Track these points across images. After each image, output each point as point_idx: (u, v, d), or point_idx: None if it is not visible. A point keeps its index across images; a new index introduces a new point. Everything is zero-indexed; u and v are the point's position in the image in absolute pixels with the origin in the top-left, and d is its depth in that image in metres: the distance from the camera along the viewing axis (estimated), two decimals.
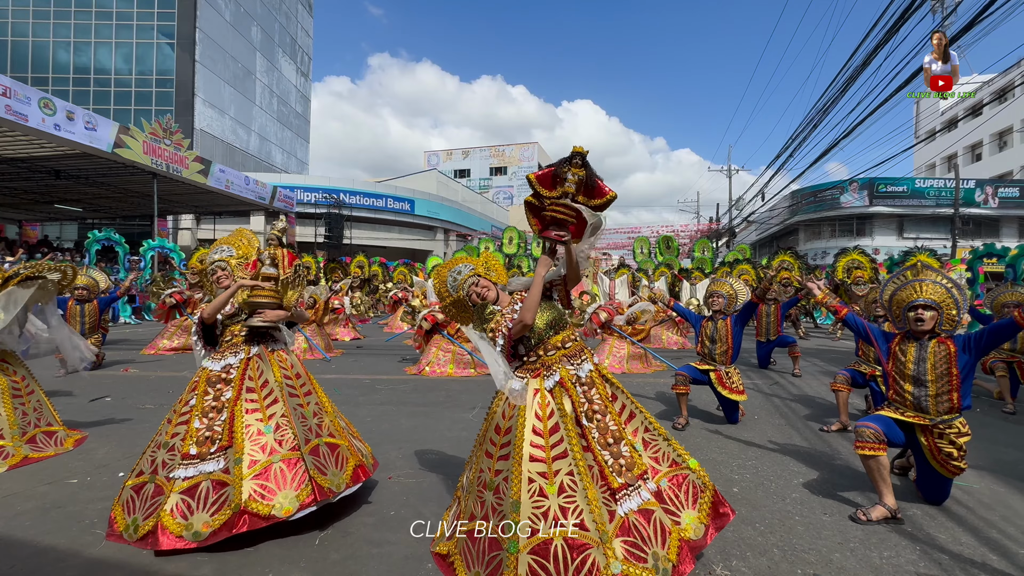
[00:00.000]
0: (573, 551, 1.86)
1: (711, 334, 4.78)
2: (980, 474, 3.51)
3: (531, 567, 1.86)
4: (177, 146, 17.90)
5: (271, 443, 2.59)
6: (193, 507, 2.41)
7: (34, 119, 12.86)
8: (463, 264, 2.44)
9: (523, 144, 60.24)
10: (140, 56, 34.58)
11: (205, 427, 2.63)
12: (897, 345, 3.06)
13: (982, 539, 2.60)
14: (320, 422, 2.88)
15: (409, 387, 6.37)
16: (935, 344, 2.91)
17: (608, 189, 2.15)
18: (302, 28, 48.86)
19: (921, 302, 2.92)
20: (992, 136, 32.84)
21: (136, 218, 25.11)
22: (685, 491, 2.19)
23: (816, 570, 2.29)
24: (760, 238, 39.50)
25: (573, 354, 2.26)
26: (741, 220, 30.23)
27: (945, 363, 2.86)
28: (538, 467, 2.00)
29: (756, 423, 4.80)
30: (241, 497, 2.40)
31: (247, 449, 2.54)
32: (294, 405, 2.79)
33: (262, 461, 2.53)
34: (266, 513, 2.41)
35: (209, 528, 2.37)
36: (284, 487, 2.50)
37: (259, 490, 2.45)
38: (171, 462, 2.58)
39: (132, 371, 7.20)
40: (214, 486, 2.47)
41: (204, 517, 2.39)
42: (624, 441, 2.15)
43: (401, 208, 34.84)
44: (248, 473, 2.48)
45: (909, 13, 7.31)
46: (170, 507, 2.41)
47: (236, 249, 3.21)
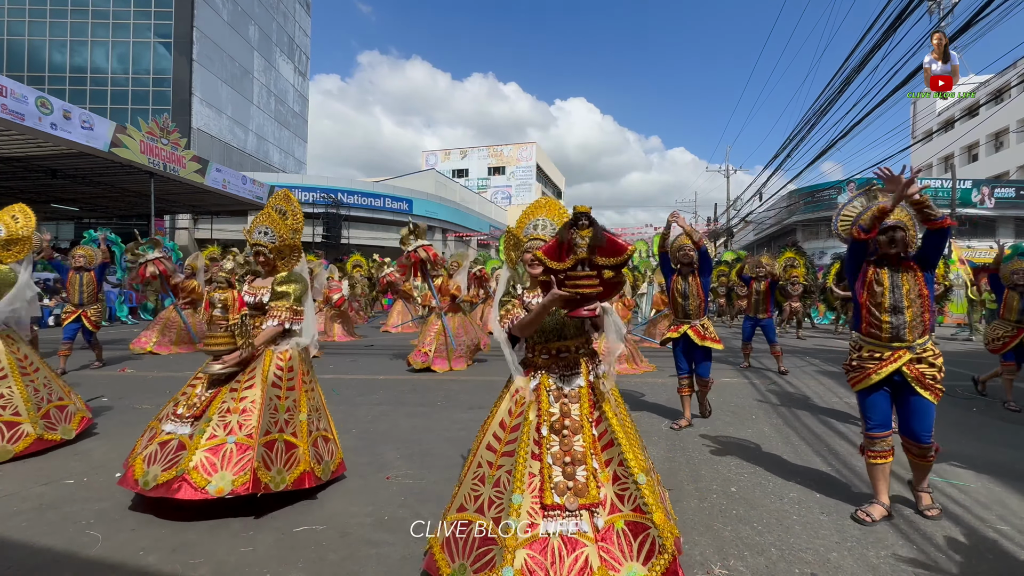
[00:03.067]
0: (480, 542, 1.94)
1: (683, 290, 4.78)
2: (977, 473, 3.52)
3: (445, 543, 2.04)
4: (174, 146, 17.83)
5: (233, 423, 2.76)
6: (156, 458, 2.73)
7: (31, 118, 12.79)
8: (549, 223, 2.37)
9: (521, 144, 60.24)
10: (136, 56, 34.48)
11: (198, 395, 2.94)
12: (871, 275, 2.93)
13: (979, 538, 2.60)
14: (289, 419, 2.93)
15: (408, 387, 6.36)
16: (905, 268, 2.88)
17: (624, 244, 1.94)
18: (300, 27, 48.76)
19: (890, 223, 2.86)
20: (988, 137, 32.95)
21: (133, 218, 24.99)
22: (640, 543, 1.90)
23: (814, 569, 2.29)
24: (758, 238, 39.57)
25: (568, 364, 2.19)
26: (739, 220, 30.28)
27: (917, 286, 2.84)
28: (489, 456, 2.13)
29: (754, 422, 4.81)
30: (188, 464, 2.62)
31: (212, 423, 2.76)
32: (271, 395, 2.89)
33: (219, 437, 2.72)
34: (202, 485, 2.58)
35: (155, 481, 2.63)
36: (226, 468, 2.64)
37: (205, 463, 2.64)
38: (164, 415, 2.95)
39: (129, 371, 7.18)
40: (177, 446, 2.76)
41: (157, 470, 2.68)
42: (585, 466, 2.00)
43: (399, 208, 34.76)
44: (204, 444, 2.69)
45: (906, 14, 7.33)
46: (147, 453, 2.77)
47: (276, 232, 3.19)
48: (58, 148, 14.50)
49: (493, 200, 54.84)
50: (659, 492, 2.14)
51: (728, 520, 2.76)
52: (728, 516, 2.81)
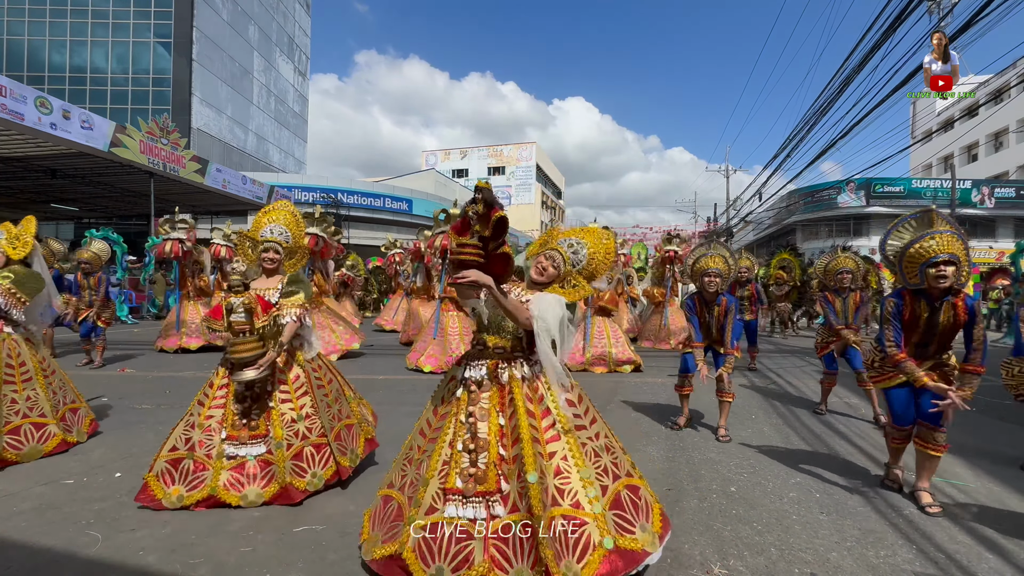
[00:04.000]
0: (395, 516, 2.15)
1: (708, 324, 4.29)
2: (976, 473, 3.52)
3: (373, 514, 2.27)
4: (174, 145, 17.82)
5: (302, 430, 3.00)
6: (243, 481, 2.83)
7: (30, 118, 12.78)
8: (578, 245, 2.34)
9: (521, 144, 60.24)
10: (136, 56, 34.49)
11: (239, 412, 2.94)
12: (910, 304, 2.84)
13: (978, 538, 2.61)
14: (340, 408, 3.28)
15: (408, 387, 6.36)
16: (947, 307, 2.76)
17: (497, 211, 1.97)
18: (299, 27, 48.77)
19: (944, 257, 2.67)
20: (988, 136, 32.98)
21: (133, 217, 25.02)
22: (532, 546, 1.87)
23: (813, 569, 2.29)
24: (757, 238, 39.58)
25: (492, 357, 2.21)
26: (739, 220, 30.27)
27: (952, 328, 2.80)
28: (419, 440, 2.31)
29: (753, 422, 4.81)
30: (284, 475, 2.85)
31: (284, 435, 2.94)
32: (320, 396, 3.14)
33: (296, 445, 2.96)
34: (302, 487, 2.89)
35: (261, 499, 2.81)
36: (313, 467, 2.97)
37: (295, 469, 2.91)
38: (208, 442, 2.90)
39: (128, 371, 7.18)
40: (260, 465, 2.88)
41: (256, 489, 2.83)
42: (487, 455, 2.03)
43: (399, 208, 34.76)
44: (288, 455, 2.91)
45: (906, 14, 7.33)
46: (222, 481, 2.81)
47: (291, 233, 3.30)
48: (58, 148, 14.49)
49: None
50: (550, 493, 1.99)
51: (728, 520, 2.76)
52: (728, 516, 2.81)
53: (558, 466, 2.07)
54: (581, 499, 2.02)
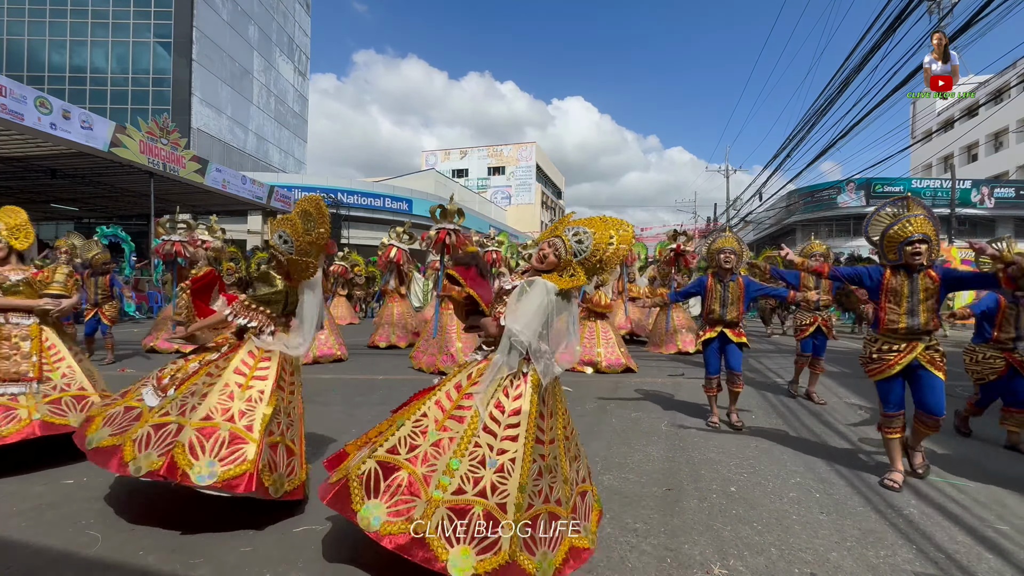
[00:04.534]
0: (407, 490, 2.11)
1: (721, 296, 4.61)
2: (976, 473, 3.52)
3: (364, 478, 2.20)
4: (174, 145, 17.82)
5: (235, 411, 2.58)
6: (150, 442, 2.51)
7: (30, 118, 12.77)
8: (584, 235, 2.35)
9: (520, 144, 60.22)
10: (136, 56, 34.50)
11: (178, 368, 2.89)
12: (890, 280, 3.25)
13: (978, 538, 2.61)
14: (290, 424, 2.85)
15: (408, 387, 6.35)
16: (924, 276, 3.17)
17: (463, 271, 2.76)
18: (299, 27, 48.77)
19: (918, 237, 3.09)
20: (988, 137, 32.98)
21: (133, 217, 25.00)
22: (467, 527, 1.98)
23: (813, 569, 2.29)
24: (758, 238, 39.57)
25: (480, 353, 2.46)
26: (739, 220, 30.27)
27: (933, 294, 3.16)
28: (436, 412, 2.27)
29: (753, 422, 4.81)
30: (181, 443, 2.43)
31: (212, 402, 2.57)
32: (280, 397, 2.78)
33: (215, 420, 2.53)
34: (184, 468, 2.37)
35: (149, 468, 2.43)
36: (210, 455, 2.44)
37: (195, 443, 2.44)
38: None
39: (128, 371, 7.18)
40: (176, 431, 2.51)
41: (153, 455, 2.46)
42: (430, 438, 2.21)
43: (399, 208, 34.74)
44: (196, 424, 2.50)
45: (906, 14, 7.33)
46: (139, 435, 2.54)
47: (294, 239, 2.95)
48: (57, 148, 14.49)
49: (493, 200, 54.81)
50: (480, 479, 2.07)
51: (728, 520, 2.76)
52: (728, 516, 2.81)
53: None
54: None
